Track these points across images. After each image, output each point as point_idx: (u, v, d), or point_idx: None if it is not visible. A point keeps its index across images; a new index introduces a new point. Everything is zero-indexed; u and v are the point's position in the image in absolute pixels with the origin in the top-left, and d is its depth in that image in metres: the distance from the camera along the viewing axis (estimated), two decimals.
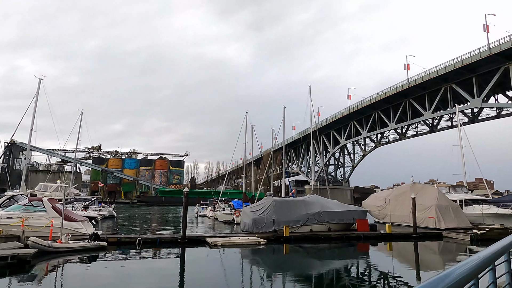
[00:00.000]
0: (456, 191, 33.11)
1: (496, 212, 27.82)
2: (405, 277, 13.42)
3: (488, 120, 64.05)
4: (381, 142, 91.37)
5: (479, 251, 2.36)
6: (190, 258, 15.91)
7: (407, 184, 31.68)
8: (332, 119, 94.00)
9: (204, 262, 14.95)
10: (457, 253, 19.91)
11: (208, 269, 13.72)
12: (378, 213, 33.08)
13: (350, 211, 22.84)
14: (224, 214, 34.56)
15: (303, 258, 17.98)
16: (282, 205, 21.55)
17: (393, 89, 70.22)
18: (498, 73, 50.91)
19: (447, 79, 59.36)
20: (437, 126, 74.58)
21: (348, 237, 21.07)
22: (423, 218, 27.57)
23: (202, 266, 14.05)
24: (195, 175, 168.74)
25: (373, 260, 17.56)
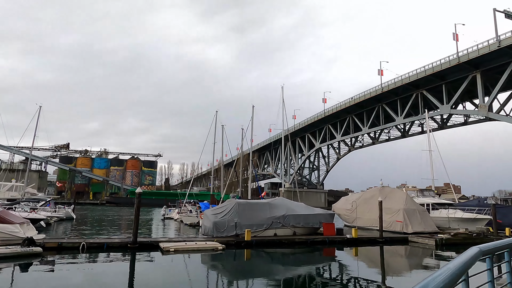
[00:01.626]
0: (424, 195, 33.22)
1: (461, 216, 27.94)
2: (370, 283, 12.71)
3: (456, 126, 65.86)
4: (355, 146, 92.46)
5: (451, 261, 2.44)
6: (137, 266, 14.43)
7: (377, 188, 31.47)
8: (308, 122, 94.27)
9: (152, 270, 13.54)
10: (423, 258, 19.52)
11: (154, 278, 12.37)
12: (347, 216, 32.70)
13: (317, 215, 22.06)
14: (190, 216, 33.08)
15: (265, 264, 16.93)
16: (246, 208, 20.44)
17: (367, 94, 71.04)
18: (466, 81, 52.28)
19: (419, 86, 60.56)
20: (409, 131, 76.14)
21: (313, 241, 20.23)
22: (391, 222, 27.32)
23: (148, 275, 12.67)
24: (169, 176, 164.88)
25: (338, 266, 16.80)
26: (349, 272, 15.23)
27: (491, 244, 3.44)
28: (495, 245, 3.50)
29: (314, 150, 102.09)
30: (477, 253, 3.14)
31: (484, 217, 27.27)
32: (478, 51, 48.35)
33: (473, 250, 3.19)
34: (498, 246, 3.53)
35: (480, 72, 50.44)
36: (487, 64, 49.33)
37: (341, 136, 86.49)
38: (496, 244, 3.56)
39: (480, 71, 50.46)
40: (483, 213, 28.39)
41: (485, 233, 23.09)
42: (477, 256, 3.17)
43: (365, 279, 13.60)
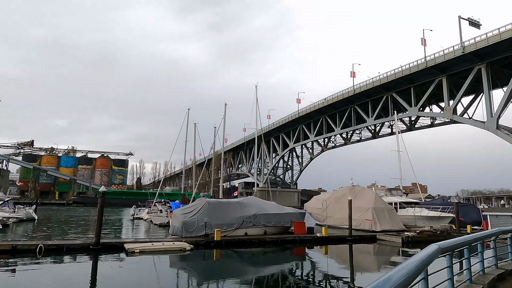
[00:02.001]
0: (392, 194, 34.16)
1: (426, 214, 28.95)
2: (339, 281, 12.77)
3: (423, 128, 68.48)
4: (328, 146, 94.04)
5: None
6: (99, 268, 13.70)
7: (347, 187, 32.00)
8: (282, 122, 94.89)
9: (114, 272, 12.90)
10: (390, 255, 19.97)
11: (117, 280, 11.76)
12: (319, 215, 33.04)
13: (288, 214, 22.05)
14: (159, 216, 32.18)
15: (234, 264, 16.63)
16: (216, 207, 20.05)
17: (340, 95, 72.38)
18: (433, 85, 54.42)
19: (389, 88, 62.39)
20: (379, 132, 78.35)
21: (284, 240, 20.17)
22: (360, 221, 27.84)
23: (110, 278, 12.04)
24: (141, 175, 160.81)
25: (308, 264, 16.84)
26: (319, 270, 15.26)
27: (450, 242, 3.35)
28: (454, 242, 3.41)
29: (288, 150, 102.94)
30: (435, 250, 3.01)
31: (448, 215, 28.41)
32: (444, 56, 50.44)
33: (432, 247, 3.06)
34: (456, 243, 3.45)
35: (446, 76, 52.66)
36: (453, 68, 51.58)
37: (315, 136, 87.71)
38: (455, 241, 3.47)
39: (446, 76, 52.67)
40: (447, 212, 29.59)
41: (448, 231, 23.98)
42: (436, 254, 3.05)
43: (334, 277, 13.66)
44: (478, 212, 29.66)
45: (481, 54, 46.64)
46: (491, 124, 46.60)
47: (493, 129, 46.38)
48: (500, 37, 43.11)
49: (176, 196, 57.30)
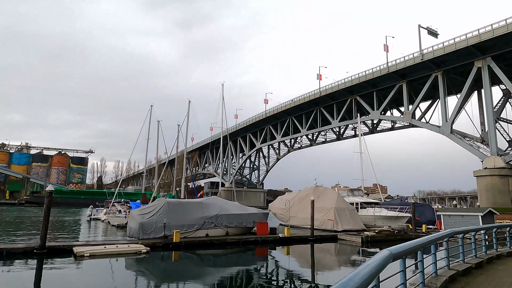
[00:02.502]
0: (354, 195, 34.99)
1: (385, 214, 29.89)
2: (301, 281, 12.71)
3: (384, 131, 71.21)
4: (294, 147, 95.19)
5: None
6: (43, 275, 12.56)
7: (311, 187, 32.32)
8: (249, 122, 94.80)
9: (59, 279, 11.86)
10: (350, 255, 20.26)
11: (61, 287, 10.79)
12: (283, 215, 33.10)
13: (251, 214, 21.74)
14: (118, 217, 30.68)
15: (194, 266, 16.03)
16: (176, 208, 19.30)
17: (306, 97, 73.45)
18: (394, 90, 56.66)
19: (353, 92, 64.17)
20: (343, 134, 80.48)
21: (245, 241, 19.83)
22: (323, 221, 28.18)
23: (53, 286, 11.03)
24: (102, 174, 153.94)
25: (270, 265, 16.62)
26: (280, 271, 15.10)
27: (402, 246, 3.13)
28: (406, 247, 3.21)
29: (255, 150, 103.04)
30: (387, 256, 2.75)
31: (405, 215, 29.50)
32: (405, 62, 52.67)
33: (383, 253, 2.80)
34: (409, 248, 3.24)
35: (406, 82, 55.03)
36: (412, 75, 53.99)
37: (281, 137, 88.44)
38: (407, 246, 3.27)
39: (406, 81, 55.03)
40: (404, 211, 30.75)
41: (405, 230, 24.84)
42: (387, 260, 2.78)
43: (296, 278, 13.55)
44: (432, 212, 31.11)
45: (438, 62, 49.18)
46: (446, 128, 49.26)
47: (448, 133, 49.06)
48: (455, 47, 45.67)
49: (138, 196, 55.22)
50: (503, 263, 7.38)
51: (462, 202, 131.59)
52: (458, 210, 29.47)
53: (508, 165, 43.20)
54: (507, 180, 42.78)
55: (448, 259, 5.64)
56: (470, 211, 27.88)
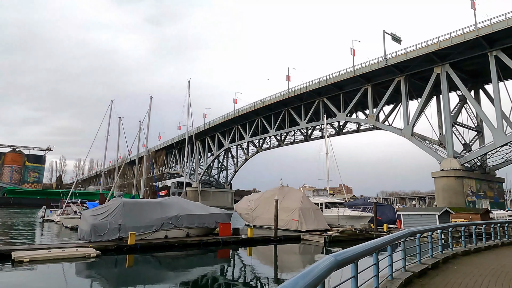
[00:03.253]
0: (319, 195, 35.24)
1: (349, 214, 30.29)
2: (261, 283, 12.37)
3: (350, 133, 72.91)
4: (263, 147, 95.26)
5: None
6: None
7: (276, 187, 32.12)
8: (218, 122, 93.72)
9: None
10: (313, 255, 20.13)
11: None
12: (248, 216, 32.64)
13: (213, 214, 21.03)
14: (72, 218, 28.77)
15: (150, 269, 15.09)
16: (133, 208, 18.20)
17: (275, 98, 73.65)
18: (360, 93, 58.11)
19: (320, 93, 65.14)
20: (311, 135, 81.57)
21: (206, 243, 19.09)
22: (288, 221, 28.02)
23: None
24: (62, 173, 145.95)
25: (231, 267, 16.07)
26: (242, 272, 14.61)
27: (349, 251, 2.69)
28: (354, 251, 2.77)
29: (223, 150, 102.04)
30: (330, 264, 2.26)
31: (367, 214, 30.05)
32: (370, 66, 54.14)
33: (327, 260, 2.30)
34: (356, 253, 2.80)
35: (371, 85, 56.61)
36: (377, 79, 55.63)
37: (250, 137, 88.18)
38: (354, 250, 2.83)
39: (371, 85, 56.60)
40: (367, 211, 31.36)
41: (367, 230, 25.21)
42: (331, 268, 2.29)
43: (257, 279, 13.16)
44: (393, 211, 31.97)
45: (401, 67, 50.99)
46: (407, 131, 51.16)
47: (409, 136, 50.96)
48: (417, 53, 47.54)
49: (96, 196, 52.49)
50: (458, 263, 7.32)
51: (421, 202, 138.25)
52: (417, 210, 30.49)
53: (463, 167, 45.56)
54: (461, 181, 45.08)
55: (404, 260, 5.37)
56: (428, 210, 28.89)
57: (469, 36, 42.05)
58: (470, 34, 42.02)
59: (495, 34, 40.51)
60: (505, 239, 12.07)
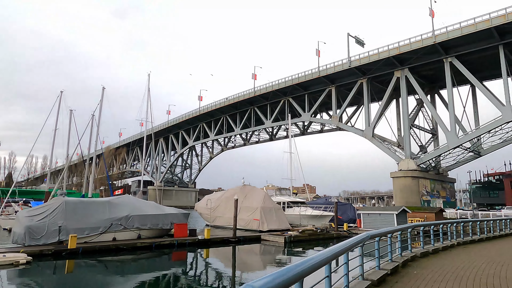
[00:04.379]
0: (281, 194, 34.87)
1: (310, 213, 30.13)
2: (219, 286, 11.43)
3: (314, 133, 73.79)
4: (228, 146, 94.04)
5: None
6: None
7: (238, 186, 31.30)
8: (182, 119, 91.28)
9: None
10: (272, 257, 19.50)
11: None
12: (209, 216, 31.56)
13: (168, 215, 19.72)
14: (11, 219, 26.01)
15: (95, 275, 13.63)
16: (76, 208, 16.50)
17: (241, 96, 72.85)
18: (324, 94, 58.80)
19: (286, 93, 65.23)
20: (276, 135, 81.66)
21: (159, 245, 17.80)
22: (249, 220, 27.30)
23: None
24: (11, 170, 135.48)
25: (186, 270, 15.08)
26: (197, 275, 13.73)
27: (290, 271, 1.88)
28: (294, 272, 1.96)
29: (188, 148, 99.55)
30: None
31: (329, 214, 30.08)
32: (334, 68, 54.91)
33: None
34: (297, 274, 1.99)
35: (335, 87, 57.46)
36: (341, 80, 56.56)
37: (215, 136, 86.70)
38: (294, 269, 2.01)
39: (335, 86, 57.45)
40: (328, 210, 31.42)
41: (328, 229, 25.11)
42: None
43: (213, 282, 12.26)
44: (354, 210, 32.32)
45: (364, 70, 52.15)
46: (368, 132, 52.45)
47: (370, 137, 52.27)
48: (379, 56, 48.79)
49: (42, 195, 48.66)
50: (418, 266, 6.91)
51: (380, 201, 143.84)
52: (376, 209, 31.02)
53: (419, 167, 47.43)
54: (417, 181, 46.91)
55: (362, 267, 4.73)
56: (386, 210, 29.44)
57: (427, 42, 43.74)
58: (428, 41, 43.74)
59: (450, 42, 42.44)
60: (461, 238, 12.15)
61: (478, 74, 43.24)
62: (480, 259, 8.30)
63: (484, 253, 9.59)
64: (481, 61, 44.44)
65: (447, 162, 52.53)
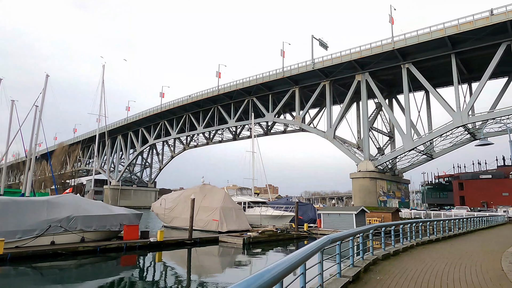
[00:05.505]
0: (242, 194, 34.12)
1: (271, 214, 29.64)
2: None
3: (278, 134, 73.93)
4: (190, 145, 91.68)
5: None
6: None
7: (198, 185, 30.09)
8: (143, 116, 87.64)
9: None
10: (229, 258, 18.60)
11: None
12: (165, 216, 30.06)
13: (117, 215, 18.12)
14: None
15: (25, 285, 11.96)
16: (5, 208, 14.51)
17: (204, 94, 71.24)
18: (288, 94, 58.97)
19: (250, 93, 64.66)
20: (239, 134, 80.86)
21: (105, 249, 16.23)
22: (208, 221, 26.28)
23: None
24: None
25: (136, 275, 13.74)
26: (148, 281, 12.46)
27: None
28: None
29: (148, 146, 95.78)
30: None
31: (290, 214, 29.76)
32: (298, 69, 55.19)
33: None
34: None
35: (299, 88, 57.81)
36: (304, 81, 56.99)
37: (177, 134, 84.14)
38: None
39: (298, 87, 57.79)
40: (289, 211, 31.11)
41: (288, 230, 24.70)
42: None
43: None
44: (314, 211, 32.30)
45: (327, 72, 52.89)
46: (330, 134, 53.28)
47: (331, 139, 53.11)
48: (341, 59, 49.69)
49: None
50: (380, 271, 6.41)
51: (340, 201, 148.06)
52: (336, 209, 31.21)
53: (377, 169, 48.90)
54: (375, 182, 48.32)
55: (322, 276, 4.02)
56: (346, 210, 29.68)
57: (386, 47, 45.16)
58: (387, 46, 45.17)
59: (408, 48, 44.14)
60: (419, 239, 12.08)
61: (432, 81, 45.38)
62: (441, 261, 8.05)
63: (444, 254, 9.43)
64: (436, 68, 46.71)
65: (403, 164, 54.79)
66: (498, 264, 7.43)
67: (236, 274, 14.73)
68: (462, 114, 41.73)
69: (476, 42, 40.60)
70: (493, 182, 61.51)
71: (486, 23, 37.81)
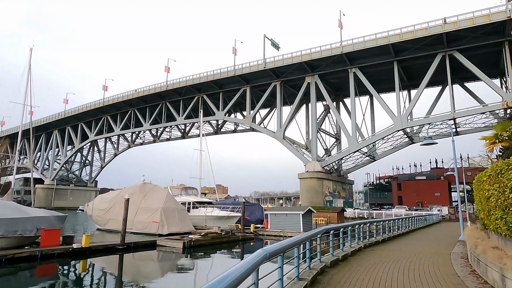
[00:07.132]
0: (187, 194, 32.37)
1: (217, 214, 28.32)
2: None
3: (228, 133, 72.64)
4: (135, 142, 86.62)
5: None
6: None
7: (137, 184, 27.79)
8: (82, 110, 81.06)
9: None
10: (170, 265, 16.94)
11: None
12: (100, 218, 27.33)
13: (32, 218, 15.52)
14: None
15: None
16: None
17: (151, 89, 67.69)
18: (239, 93, 58.03)
19: (200, 90, 62.65)
20: (188, 133, 78.15)
21: (13, 258, 13.72)
22: (147, 223, 24.25)
23: None
24: None
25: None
26: None
27: None
28: None
29: (88, 143, 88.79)
30: None
31: (236, 214, 28.68)
32: (250, 68, 54.50)
33: None
34: None
35: (250, 87, 57.13)
36: (256, 81, 56.46)
37: (121, 130, 78.95)
38: None
39: (249, 86, 57.11)
40: (236, 211, 30.03)
41: (234, 231, 23.58)
42: None
43: None
44: (262, 211, 31.58)
45: (278, 73, 52.88)
46: (279, 134, 53.30)
47: (280, 139, 53.16)
48: (292, 61, 49.93)
49: None
50: (329, 282, 5.51)
51: (288, 202, 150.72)
52: (283, 209, 30.78)
53: (324, 169, 49.87)
54: (322, 182, 49.22)
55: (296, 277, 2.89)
56: (293, 210, 29.33)
57: (335, 51, 46.21)
58: (336, 50, 46.24)
59: (355, 53, 45.57)
60: (366, 240, 11.67)
61: (376, 86, 47.34)
62: (393, 266, 7.49)
63: (393, 257, 8.99)
64: (380, 74, 48.84)
65: (348, 165, 56.68)
66: (450, 267, 7.05)
67: (173, 281, 13.24)
68: (402, 119, 44.02)
69: (416, 51, 43.09)
70: (427, 183, 66.25)
71: (425, 34, 40.23)
